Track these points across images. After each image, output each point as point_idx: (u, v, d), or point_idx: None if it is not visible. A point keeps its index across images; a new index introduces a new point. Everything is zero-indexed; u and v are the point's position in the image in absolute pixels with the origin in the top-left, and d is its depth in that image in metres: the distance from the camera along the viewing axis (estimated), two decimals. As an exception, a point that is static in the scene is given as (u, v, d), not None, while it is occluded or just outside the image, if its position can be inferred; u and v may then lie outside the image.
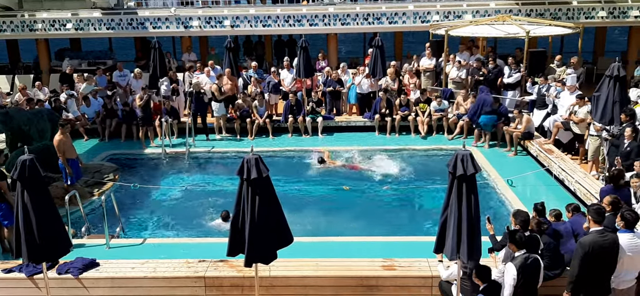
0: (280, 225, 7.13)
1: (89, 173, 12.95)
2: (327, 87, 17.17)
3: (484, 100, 14.76)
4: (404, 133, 16.21)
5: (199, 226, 10.99)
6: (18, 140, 12.36)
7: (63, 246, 7.49)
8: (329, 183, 13.02)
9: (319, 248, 9.39)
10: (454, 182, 6.52)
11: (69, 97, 16.85)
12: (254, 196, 6.77)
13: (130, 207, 11.93)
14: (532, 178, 12.51)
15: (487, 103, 14.70)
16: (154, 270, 8.45)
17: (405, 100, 16.50)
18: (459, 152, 6.49)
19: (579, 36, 17.10)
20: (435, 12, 19.29)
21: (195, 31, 19.90)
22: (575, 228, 8.02)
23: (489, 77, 16.54)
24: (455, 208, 6.55)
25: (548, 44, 18.80)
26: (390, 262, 8.45)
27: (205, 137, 16.27)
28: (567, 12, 19.05)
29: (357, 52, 25.54)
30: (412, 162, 14.61)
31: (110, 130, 16.22)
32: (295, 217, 10.83)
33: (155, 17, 19.69)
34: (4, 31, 20.16)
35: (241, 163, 6.74)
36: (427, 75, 18.04)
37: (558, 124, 13.60)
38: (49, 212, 7.23)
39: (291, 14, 19.59)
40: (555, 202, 10.30)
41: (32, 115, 12.83)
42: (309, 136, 16.32)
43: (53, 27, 19.91)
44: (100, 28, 19.90)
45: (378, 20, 19.49)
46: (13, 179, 7.10)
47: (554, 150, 13.37)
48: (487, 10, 19.15)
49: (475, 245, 6.60)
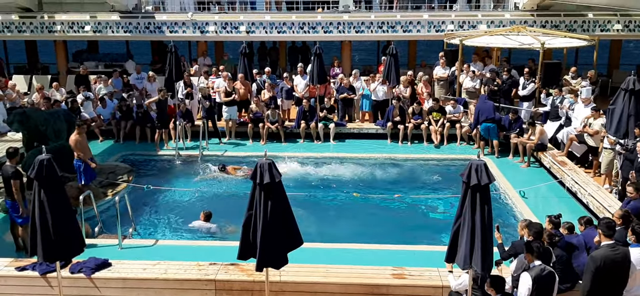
0: (291, 231, 7.16)
1: (103, 174, 13.08)
2: (340, 94, 17.22)
3: (480, 109, 14.75)
4: (416, 142, 16.20)
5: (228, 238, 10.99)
6: (35, 140, 12.51)
7: (77, 245, 7.58)
8: (339, 189, 13.05)
9: (329, 254, 9.40)
10: (468, 191, 6.52)
11: (85, 99, 17.06)
12: (266, 200, 6.82)
13: (143, 208, 12.03)
14: (544, 189, 12.44)
15: (484, 111, 14.66)
16: (165, 272, 8.52)
17: (418, 108, 16.50)
18: (473, 162, 6.49)
19: (594, 49, 17.01)
20: (449, 22, 19.29)
21: (211, 36, 20.06)
22: (588, 242, 7.96)
23: (503, 87, 16.50)
24: (468, 218, 6.55)
25: (563, 56, 18.71)
26: (401, 271, 8.45)
27: (218, 140, 16.38)
28: (582, 25, 18.95)
29: (371, 60, 25.55)
30: (424, 170, 14.61)
31: (125, 132, 16.39)
32: (306, 222, 10.88)
33: (172, 22, 19.87)
34: (24, 32, 20.44)
35: (254, 167, 6.80)
36: (440, 85, 18.03)
37: (572, 136, 13.53)
38: (65, 211, 7.33)
39: (306, 21, 19.68)
40: (568, 214, 10.23)
41: (48, 115, 12.99)
42: (320, 142, 16.36)
43: (72, 29, 20.16)
44: (118, 31, 20.12)
45: (392, 28, 19.51)
46: (29, 178, 7.20)
47: (567, 162, 13.29)
48: (502, 21, 19.12)
49: (488, 255, 6.59)
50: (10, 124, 12.93)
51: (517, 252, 7.75)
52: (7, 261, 8.83)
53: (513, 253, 7.84)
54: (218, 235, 10.78)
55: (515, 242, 8.00)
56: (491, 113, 14.61)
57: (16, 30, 20.43)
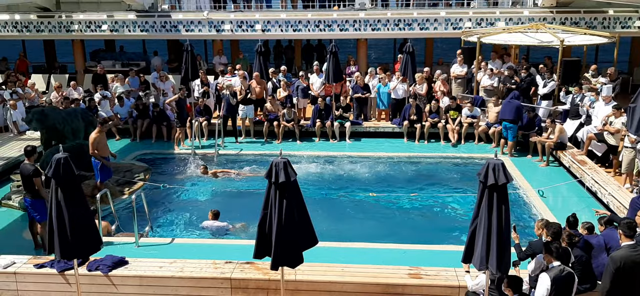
0: (306, 229, 7.14)
1: (120, 172, 13.18)
2: (354, 93, 17.15)
3: (503, 107, 14.57)
4: (433, 141, 16.07)
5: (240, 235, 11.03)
6: (52, 139, 12.64)
7: (94, 243, 7.63)
8: (355, 189, 12.99)
9: (345, 253, 9.37)
10: (485, 191, 6.43)
11: (102, 98, 17.22)
12: (281, 199, 6.80)
13: (159, 206, 12.09)
14: (563, 189, 12.27)
15: (506, 111, 14.49)
16: (181, 270, 8.55)
17: (435, 107, 16.36)
18: (490, 161, 6.40)
19: (614, 46, 16.73)
20: (467, 19, 19.10)
21: (227, 35, 20.11)
22: (608, 242, 7.83)
23: (522, 85, 16.31)
24: (485, 218, 6.46)
25: (583, 53, 18.45)
26: (417, 270, 8.38)
27: (234, 139, 16.42)
28: (602, 22, 18.66)
29: (387, 58, 25.43)
30: (441, 170, 14.50)
31: (142, 131, 16.49)
32: (321, 221, 10.84)
33: (188, 20, 19.95)
34: (42, 31, 20.68)
35: (269, 166, 6.78)
36: (458, 82, 17.88)
37: (591, 135, 13.32)
38: (82, 209, 7.39)
39: (322, 19, 19.63)
40: (588, 214, 10.11)
41: (66, 114, 13.11)
42: (336, 141, 16.31)
43: (89, 28, 20.35)
44: (135, 30, 20.25)
45: (409, 26, 19.38)
46: (47, 176, 7.26)
47: (587, 161, 13.09)
48: (520, 18, 18.89)
49: (505, 256, 6.50)
50: (29, 123, 13.07)
51: (535, 252, 7.64)
52: (26, 259, 8.92)
53: (530, 254, 7.73)
54: (229, 233, 10.79)
55: (532, 242, 7.89)
56: (511, 115, 14.41)
57: (35, 29, 20.67)
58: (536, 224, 8.24)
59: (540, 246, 7.43)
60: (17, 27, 20.71)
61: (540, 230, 7.99)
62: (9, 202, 11.91)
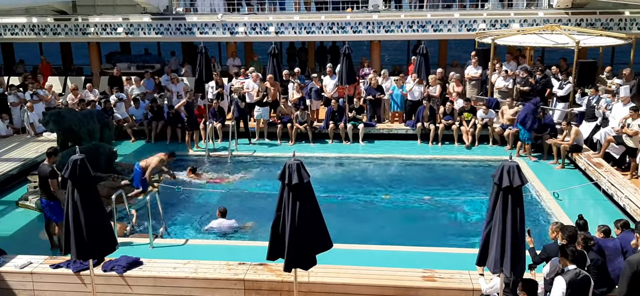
0: (320, 231, 7.14)
1: (135, 173, 13.29)
2: (368, 95, 17.12)
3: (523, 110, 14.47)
4: (447, 143, 16.00)
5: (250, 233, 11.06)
6: (69, 140, 12.77)
7: (109, 244, 7.70)
8: (368, 190, 12.97)
9: (358, 255, 9.36)
10: (500, 193, 6.39)
11: (118, 101, 17.38)
12: (294, 201, 6.81)
13: (173, 207, 12.16)
14: (579, 192, 12.16)
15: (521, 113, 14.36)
16: (195, 271, 8.60)
17: (449, 108, 16.29)
18: (505, 164, 6.36)
19: (631, 47, 16.54)
20: (481, 21, 19.00)
21: (240, 37, 20.19)
22: (624, 246, 7.74)
23: (537, 87, 16.18)
24: (499, 221, 6.42)
25: (598, 55, 18.26)
26: (431, 273, 8.34)
27: (247, 141, 16.48)
28: (618, 23, 18.45)
29: (400, 60, 25.35)
30: (455, 172, 14.43)
31: (156, 132, 16.62)
32: (334, 223, 10.84)
33: (202, 23, 20.07)
34: (59, 34, 20.92)
35: (283, 168, 6.79)
36: (472, 84, 17.78)
37: (609, 137, 13.16)
38: (97, 210, 7.46)
39: (335, 21, 19.63)
40: (604, 217, 10.01)
41: (82, 116, 13.24)
42: (349, 143, 16.30)
43: (105, 31, 20.55)
44: (150, 32, 20.41)
45: (423, 28, 19.30)
46: (64, 178, 7.34)
47: (603, 163, 12.95)
48: (535, 19, 18.74)
49: (520, 259, 6.45)
50: (46, 124, 13.22)
51: (549, 256, 7.58)
52: (42, 259, 9.03)
53: (545, 258, 7.67)
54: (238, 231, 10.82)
55: (547, 246, 7.83)
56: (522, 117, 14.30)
57: (51, 32, 20.92)
58: (550, 227, 8.18)
59: (555, 250, 7.37)
60: (34, 29, 20.98)
61: (554, 233, 7.93)
62: (26, 202, 12.06)
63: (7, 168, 13.65)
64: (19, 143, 15.68)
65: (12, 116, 17.16)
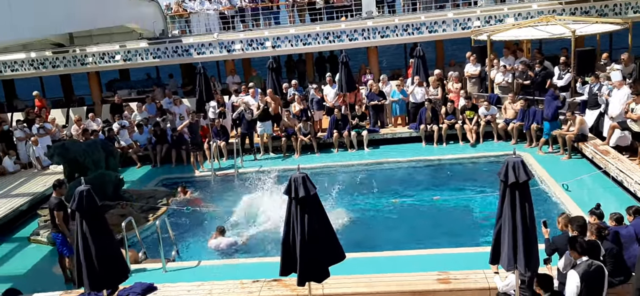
0: (331, 242, 7.13)
1: (143, 199, 13.31)
2: (370, 101, 17.13)
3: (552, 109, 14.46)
4: (451, 142, 15.98)
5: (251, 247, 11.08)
6: (75, 171, 12.80)
7: (121, 272, 7.71)
8: (377, 196, 12.95)
9: (371, 263, 9.33)
10: (506, 190, 6.38)
11: (121, 128, 17.45)
12: (303, 214, 6.81)
13: (183, 230, 12.16)
14: (588, 181, 12.10)
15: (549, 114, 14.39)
16: (210, 292, 8.58)
17: (451, 108, 16.28)
18: (509, 159, 6.35)
19: (628, 32, 16.52)
20: (475, 18, 19.01)
21: (237, 54, 20.27)
22: (638, 232, 7.70)
23: (536, 79, 16.16)
24: (509, 217, 6.41)
25: (596, 42, 18.24)
26: (446, 275, 8.31)
27: (253, 157, 16.50)
28: (613, 8, 18.42)
29: (399, 64, 25.39)
30: (462, 170, 14.41)
31: (161, 156, 16.66)
32: (346, 232, 10.84)
33: (199, 43, 20.17)
34: (58, 67, 21.05)
35: (288, 182, 6.79)
36: (472, 82, 17.78)
37: (614, 124, 13.12)
38: (107, 239, 7.47)
39: (331, 31, 19.70)
40: (615, 204, 9.96)
41: (87, 146, 13.29)
42: (354, 150, 16.29)
43: (103, 59, 20.67)
44: (147, 57, 20.53)
45: (418, 30, 19.36)
46: (72, 210, 7.36)
47: (611, 150, 12.89)
48: (529, 12, 18.74)
49: (533, 254, 6.42)
50: (51, 157, 13.26)
51: (557, 247, 7.55)
52: (58, 295, 9.02)
53: (554, 249, 7.64)
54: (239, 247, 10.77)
55: (555, 238, 7.79)
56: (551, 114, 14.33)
57: (50, 65, 21.05)
58: (557, 219, 8.14)
59: (564, 241, 7.34)
60: (33, 64, 21.12)
61: (562, 224, 7.89)
62: (38, 237, 12.09)
63: (17, 204, 13.70)
64: (26, 178, 15.74)
65: (18, 151, 17.25)
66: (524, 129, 15.01)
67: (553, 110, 14.23)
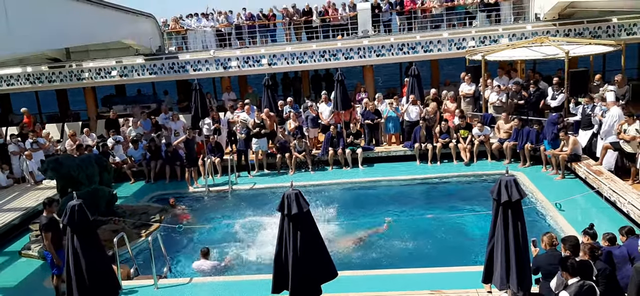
0: (323, 260, 7.10)
1: (136, 215, 13.25)
2: (365, 119, 17.18)
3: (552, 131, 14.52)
4: (445, 161, 16.01)
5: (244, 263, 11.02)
6: (68, 186, 12.75)
7: (112, 288, 7.65)
8: (370, 214, 12.93)
9: (364, 281, 9.29)
10: (499, 209, 6.39)
11: (116, 143, 17.42)
12: (295, 231, 6.79)
13: (176, 246, 12.10)
14: (581, 201, 12.13)
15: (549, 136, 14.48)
16: (201, 309, 8.52)
17: (445, 127, 16.32)
18: (502, 178, 6.37)
19: (621, 54, 16.67)
20: (470, 38, 19.18)
21: (234, 71, 20.34)
22: (632, 252, 7.70)
23: (530, 100, 16.25)
24: (501, 236, 6.42)
25: (589, 63, 18.39)
26: (438, 294, 8.28)
27: (247, 173, 16.47)
28: (606, 30, 18.62)
29: (394, 83, 25.51)
30: (455, 189, 14.42)
31: (155, 172, 16.61)
32: (338, 250, 10.80)
33: (195, 60, 20.23)
34: (54, 81, 21.07)
35: (281, 199, 6.79)
36: (466, 101, 17.86)
37: (607, 144, 13.19)
38: (99, 255, 7.42)
39: (327, 49, 19.81)
40: (608, 225, 9.97)
41: (80, 161, 13.24)
42: (349, 168, 16.29)
43: (99, 75, 20.70)
44: (144, 73, 20.57)
45: (413, 49, 19.49)
46: (64, 225, 7.32)
47: (604, 171, 12.94)
48: (523, 33, 18.91)
49: (526, 273, 6.42)
50: (44, 172, 13.19)
51: (539, 266, 7.49)
52: (46, 309, 8.95)
53: (536, 268, 7.57)
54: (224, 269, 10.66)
55: (537, 257, 7.74)
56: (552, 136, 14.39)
57: (46, 80, 21.07)
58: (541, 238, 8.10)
59: (545, 260, 7.31)
60: (29, 79, 21.13)
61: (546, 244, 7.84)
62: (29, 251, 12.01)
63: (8, 219, 13.64)
64: (19, 193, 15.67)
65: (12, 165, 17.18)
66: (518, 149, 15.05)
67: (551, 135, 14.28)
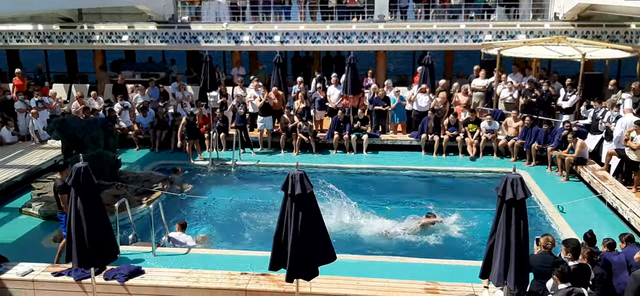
0: (322, 242, 7.11)
1: (138, 182, 13.28)
2: (373, 105, 17.08)
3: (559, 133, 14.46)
4: (451, 154, 15.93)
5: (242, 239, 11.06)
6: (73, 148, 12.78)
7: (111, 252, 7.69)
8: (371, 201, 12.90)
9: (360, 267, 9.31)
10: (503, 206, 6.35)
11: (123, 109, 17.42)
12: (297, 212, 6.79)
13: (177, 216, 12.12)
14: (583, 205, 12.06)
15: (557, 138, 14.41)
16: (197, 281, 8.56)
17: (454, 120, 16.22)
18: (508, 176, 6.32)
19: (637, 60, 16.48)
20: (487, 32, 18.96)
21: (245, 46, 20.21)
22: (630, 260, 7.67)
23: (543, 99, 16.12)
24: (503, 233, 6.38)
25: (605, 68, 18.20)
26: (433, 285, 8.28)
27: (250, 150, 16.45)
28: (624, 35, 18.39)
29: (405, 70, 25.33)
30: (459, 183, 14.36)
31: (160, 141, 16.61)
32: (337, 234, 10.80)
33: (207, 32, 20.12)
34: (64, 42, 21.01)
35: (286, 178, 6.77)
36: (477, 94, 17.73)
37: (611, 151, 13.10)
38: (100, 218, 7.45)
39: (341, 30, 19.65)
40: (608, 230, 9.93)
41: (86, 123, 13.24)
42: (353, 153, 16.24)
43: (110, 38, 20.63)
44: (155, 41, 20.48)
45: (428, 38, 19.30)
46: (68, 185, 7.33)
47: (608, 177, 12.87)
48: (541, 31, 18.71)
49: (524, 272, 6.40)
50: (50, 132, 13.25)
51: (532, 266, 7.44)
52: (44, 267, 9.01)
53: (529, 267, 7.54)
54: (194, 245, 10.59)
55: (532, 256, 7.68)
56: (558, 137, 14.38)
57: (57, 39, 21.01)
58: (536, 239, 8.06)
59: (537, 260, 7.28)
60: (39, 37, 21.08)
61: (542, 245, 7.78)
62: (29, 209, 12.06)
63: (11, 175, 13.67)
64: (23, 151, 15.71)
65: (18, 123, 17.22)
66: (525, 147, 14.97)
67: (558, 141, 14.19)
